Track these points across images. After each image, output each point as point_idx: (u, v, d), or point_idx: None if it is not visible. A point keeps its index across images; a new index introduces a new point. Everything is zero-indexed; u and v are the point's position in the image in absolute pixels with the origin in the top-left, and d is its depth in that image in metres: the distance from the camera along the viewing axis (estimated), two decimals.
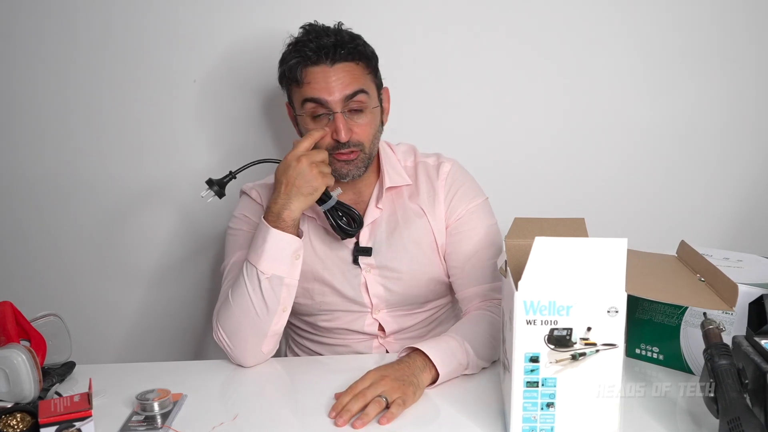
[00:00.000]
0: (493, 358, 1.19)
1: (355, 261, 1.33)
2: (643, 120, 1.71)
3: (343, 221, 1.26)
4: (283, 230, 1.18)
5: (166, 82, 1.64)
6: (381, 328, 1.36)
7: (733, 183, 1.76)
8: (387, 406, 1.02)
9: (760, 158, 1.75)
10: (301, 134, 1.31)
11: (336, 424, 1.00)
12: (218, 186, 1.25)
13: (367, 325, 1.35)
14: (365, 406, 1.01)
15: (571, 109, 1.70)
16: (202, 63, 1.64)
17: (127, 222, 1.73)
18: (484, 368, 1.18)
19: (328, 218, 1.26)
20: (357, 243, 1.33)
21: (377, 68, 1.32)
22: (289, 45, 1.28)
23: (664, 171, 1.74)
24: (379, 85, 1.32)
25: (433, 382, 1.11)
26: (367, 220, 1.34)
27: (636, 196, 1.75)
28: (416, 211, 1.35)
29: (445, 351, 1.12)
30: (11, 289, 1.74)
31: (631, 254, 0.89)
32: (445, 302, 1.43)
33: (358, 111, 1.25)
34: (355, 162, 1.27)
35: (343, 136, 1.23)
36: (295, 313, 1.38)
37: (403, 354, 1.15)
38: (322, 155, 1.21)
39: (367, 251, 1.32)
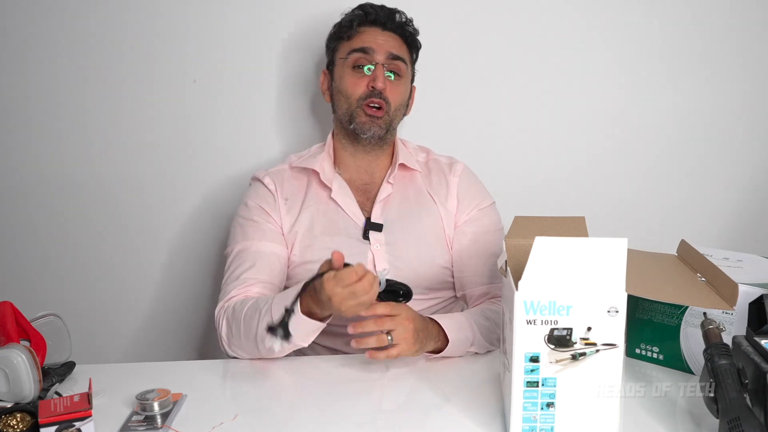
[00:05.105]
0: (498, 344, 1.20)
1: (365, 236, 1.34)
2: (643, 120, 1.71)
3: (392, 296, 1.16)
4: (311, 318, 1.12)
5: (176, 81, 1.65)
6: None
7: (733, 183, 1.76)
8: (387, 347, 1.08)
9: (761, 158, 1.75)
10: (331, 99, 1.37)
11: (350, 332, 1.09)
12: None
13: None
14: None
15: (572, 109, 1.70)
16: (208, 63, 1.64)
17: (128, 223, 1.72)
18: (489, 351, 1.22)
19: (380, 298, 1.13)
20: (368, 218, 1.35)
21: (415, 60, 1.40)
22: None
23: (664, 171, 1.74)
24: (412, 75, 1.40)
25: (438, 351, 1.15)
26: (380, 197, 1.36)
27: (636, 195, 1.75)
28: (428, 198, 1.38)
29: (454, 323, 1.18)
30: (11, 289, 1.74)
31: (631, 254, 0.89)
32: (449, 295, 1.43)
33: (395, 74, 1.34)
34: (379, 121, 1.32)
35: (380, 84, 1.31)
36: None
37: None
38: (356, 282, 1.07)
39: (378, 227, 1.34)
